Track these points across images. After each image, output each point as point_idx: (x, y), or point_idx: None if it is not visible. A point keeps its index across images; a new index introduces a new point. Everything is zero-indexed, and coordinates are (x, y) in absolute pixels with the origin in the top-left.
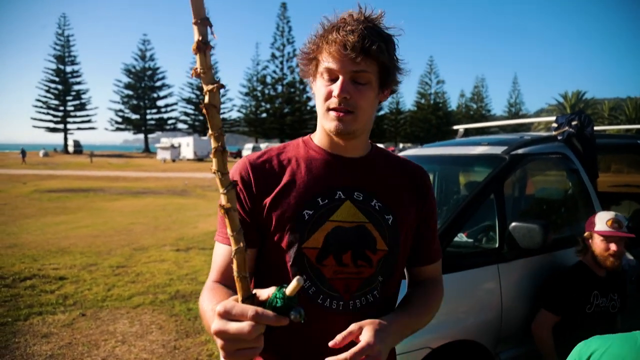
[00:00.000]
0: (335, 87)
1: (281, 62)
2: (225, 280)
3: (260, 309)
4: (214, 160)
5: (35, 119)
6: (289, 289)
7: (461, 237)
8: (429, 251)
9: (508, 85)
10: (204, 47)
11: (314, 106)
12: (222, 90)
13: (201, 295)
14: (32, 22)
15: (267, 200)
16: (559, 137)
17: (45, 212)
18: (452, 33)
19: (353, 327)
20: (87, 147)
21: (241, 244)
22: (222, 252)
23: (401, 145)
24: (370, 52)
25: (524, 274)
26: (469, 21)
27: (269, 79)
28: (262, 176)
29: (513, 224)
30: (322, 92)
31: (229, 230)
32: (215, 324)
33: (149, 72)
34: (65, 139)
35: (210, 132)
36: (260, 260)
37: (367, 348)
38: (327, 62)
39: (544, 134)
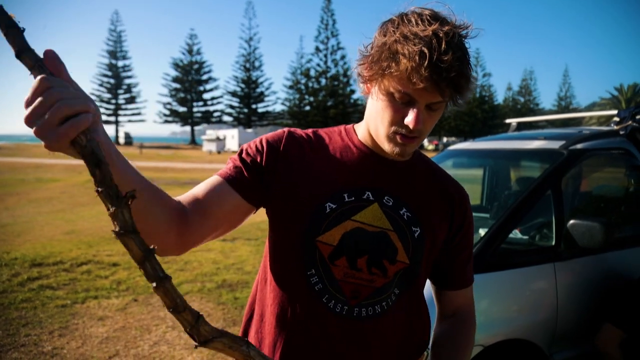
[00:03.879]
0: (411, 118)
1: (325, 55)
2: (193, 203)
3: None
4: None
5: None
6: None
7: (515, 234)
8: (463, 274)
9: (558, 78)
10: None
11: (358, 99)
12: (266, 83)
13: None
14: (85, 19)
15: (292, 177)
16: (621, 132)
17: (99, 201)
18: (499, 24)
19: None
20: (137, 139)
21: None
22: (212, 182)
23: (445, 140)
24: (460, 90)
25: (583, 273)
26: (517, 11)
27: (312, 72)
28: (296, 149)
29: (571, 221)
30: (389, 114)
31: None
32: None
33: (195, 66)
34: (117, 131)
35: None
36: (270, 242)
37: None
38: (401, 85)
39: (604, 128)
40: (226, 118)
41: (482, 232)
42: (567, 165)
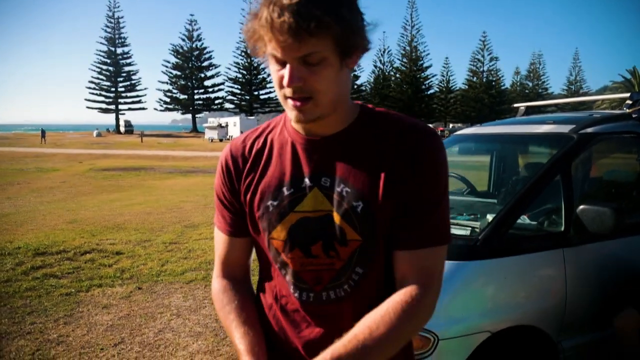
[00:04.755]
0: (284, 76)
1: None
2: (230, 272)
3: None
4: None
5: (88, 100)
6: None
7: (524, 220)
8: (411, 231)
9: (568, 62)
10: None
11: (361, 85)
12: (268, 69)
13: (214, 291)
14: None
15: (245, 188)
16: (634, 115)
17: (101, 190)
18: (506, 6)
19: None
20: (138, 127)
21: None
22: (221, 241)
23: (451, 126)
24: (312, 31)
25: (592, 259)
26: None
27: None
28: (243, 162)
29: (581, 206)
30: (275, 78)
31: None
32: None
33: (196, 52)
34: (117, 119)
35: None
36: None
37: None
38: (269, 47)
39: (616, 111)
40: (228, 105)
41: (489, 217)
42: (577, 150)
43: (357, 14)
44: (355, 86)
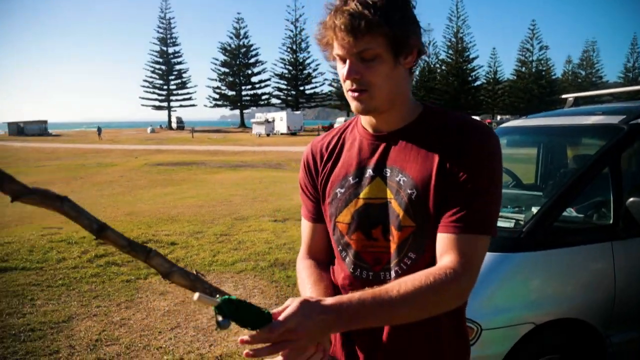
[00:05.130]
0: (344, 71)
1: None
2: (313, 254)
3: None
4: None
5: (143, 98)
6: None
7: (570, 212)
8: (454, 217)
9: (625, 48)
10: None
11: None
12: (313, 65)
13: (298, 269)
14: (138, 5)
15: (320, 179)
16: None
17: (155, 184)
18: None
19: (288, 302)
20: (189, 124)
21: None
22: (305, 227)
23: (499, 117)
24: (363, 30)
25: None
26: None
27: None
28: (320, 158)
29: (631, 199)
30: (340, 75)
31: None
32: None
33: (243, 50)
34: (169, 116)
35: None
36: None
37: (277, 324)
38: (334, 47)
39: None
40: (274, 100)
41: (534, 210)
42: (627, 141)
43: (409, 18)
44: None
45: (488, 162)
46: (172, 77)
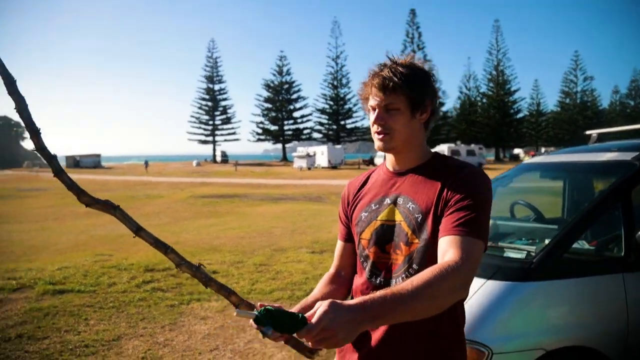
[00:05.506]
0: (372, 117)
1: None
2: (339, 268)
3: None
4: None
5: (189, 132)
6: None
7: (582, 245)
8: (449, 224)
9: None
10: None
11: (447, 112)
12: (354, 100)
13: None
14: (184, 48)
15: (351, 208)
16: None
17: (200, 215)
18: (603, 23)
19: (317, 305)
20: (232, 157)
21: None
22: (338, 246)
23: (543, 150)
24: (390, 90)
25: None
26: (624, 6)
27: None
28: (353, 192)
29: None
30: (370, 120)
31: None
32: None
33: (286, 86)
34: (214, 149)
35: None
36: None
37: (314, 327)
38: (369, 100)
39: None
40: (316, 135)
41: (547, 242)
42: (638, 178)
43: (428, 86)
44: (442, 113)
45: (478, 191)
46: (218, 113)
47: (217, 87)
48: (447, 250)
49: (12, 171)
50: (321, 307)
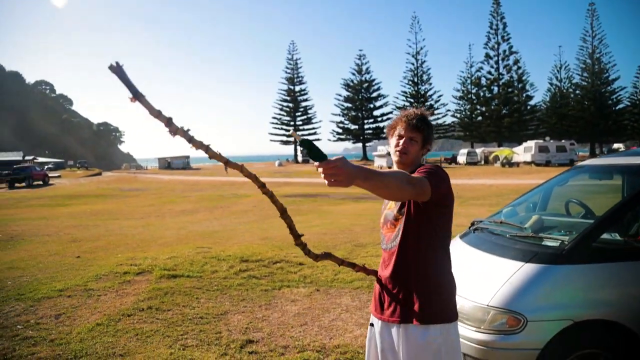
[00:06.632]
0: (402, 142)
1: (496, 62)
2: None
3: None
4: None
5: (271, 133)
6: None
7: (614, 236)
8: (420, 174)
9: None
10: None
11: (535, 105)
12: (435, 96)
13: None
14: (268, 51)
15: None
16: None
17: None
18: None
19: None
20: None
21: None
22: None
23: None
24: (415, 129)
25: None
26: None
27: (483, 81)
28: None
29: None
30: (394, 142)
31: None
32: None
33: (365, 85)
34: (295, 150)
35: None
36: None
37: (331, 161)
38: (399, 130)
39: None
40: None
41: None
42: None
43: (432, 129)
44: (529, 107)
45: (430, 169)
46: (299, 114)
47: (297, 88)
48: (415, 174)
49: (113, 172)
50: (338, 157)
